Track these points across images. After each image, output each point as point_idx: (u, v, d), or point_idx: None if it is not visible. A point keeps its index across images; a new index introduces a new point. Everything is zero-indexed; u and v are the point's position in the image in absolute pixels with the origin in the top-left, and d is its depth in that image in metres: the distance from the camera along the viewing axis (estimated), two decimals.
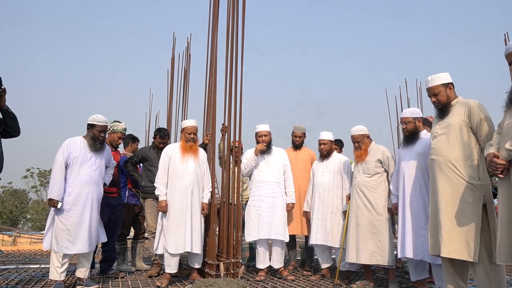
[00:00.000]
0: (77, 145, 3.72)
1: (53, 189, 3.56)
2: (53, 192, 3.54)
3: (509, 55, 2.38)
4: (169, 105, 5.89)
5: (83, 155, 3.70)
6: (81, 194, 3.62)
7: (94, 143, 3.74)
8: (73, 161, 3.65)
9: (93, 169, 3.73)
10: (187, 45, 5.90)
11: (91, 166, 3.72)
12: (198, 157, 4.06)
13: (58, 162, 3.61)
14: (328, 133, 4.49)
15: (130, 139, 5.21)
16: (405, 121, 3.52)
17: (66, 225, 3.54)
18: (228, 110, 4.21)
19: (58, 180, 3.57)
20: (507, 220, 2.29)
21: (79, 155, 3.68)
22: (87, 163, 3.71)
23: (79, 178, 3.64)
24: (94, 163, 3.74)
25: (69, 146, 3.68)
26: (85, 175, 3.67)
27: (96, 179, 3.74)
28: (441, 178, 2.77)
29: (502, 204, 2.35)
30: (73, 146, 3.69)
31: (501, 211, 2.34)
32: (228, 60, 4.25)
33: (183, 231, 3.83)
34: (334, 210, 4.23)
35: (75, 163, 3.65)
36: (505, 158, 2.30)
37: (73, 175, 3.64)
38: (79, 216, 3.58)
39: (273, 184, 4.33)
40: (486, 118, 2.69)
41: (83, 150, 3.72)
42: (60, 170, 3.60)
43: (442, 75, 2.90)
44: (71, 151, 3.67)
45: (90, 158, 3.74)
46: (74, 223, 3.56)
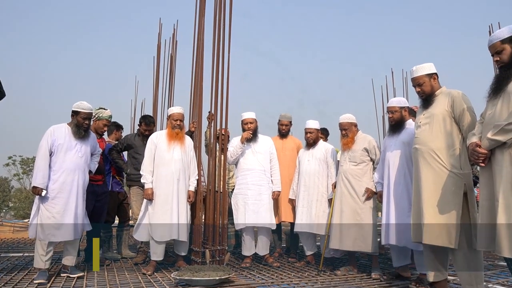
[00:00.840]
0: (62, 132, 3.66)
1: (37, 177, 3.50)
2: (37, 180, 3.49)
3: (492, 46, 2.41)
4: (155, 93, 5.84)
5: (68, 142, 3.64)
6: (67, 181, 3.57)
7: (78, 130, 3.69)
8: (57, 148, 3.59)
9: (78, 156, 3.68)
10: (173, 32, 5.83)
11: (77, 153, 3.67)
12: (184, 145, 4.04)
13: (42, 149, 3.55)
14: (314, 122, 4.51)
15: (114, 127, 5.15)
16: (391, 110, 3.55)
17: (52, 213, 3.50)
18: (215, 98, 4.19)
19: (42, 168, 3.51)
20: (487, 208, 2.35)
21: (64, 142, 3.62)
22: (72, 150, 3.65)
23: (64, 165, 3.59)
24: (79, 150, 3.69)
25: (53, 133, 3.62)
26: (71, 162, 3.62)
27: (82, 166, 3.70)
28: (424, 167, 2.82)
29: (482, 192, 2.41)
30: (57, 133, 3.63)
31: (482, 199, 2.41)
32: (215, 47, 4.21)
33: (169, 219, 3.82)
34: (320, 198, 4.28)
35: (60, 150, 3.60)
36: (487, 147, 2.35)
37: (58, 163, 3.58)
38: (65, 203, 3.54)
39: (259, 172, 4.35)
40: (469, 108, 2.74)
41: (68, 137, 3.66)
42: (44, 157, 3.54)
43: (427, 66, 2.93)
44: (56, 138, 3.61)
45: (75, 145, 3.68)
46: (60, 210, 3.52)
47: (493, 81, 2.43)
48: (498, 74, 2.43)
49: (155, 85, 5.84)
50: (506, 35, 2.35)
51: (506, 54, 2.35)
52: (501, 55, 2.37)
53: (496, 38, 2.39)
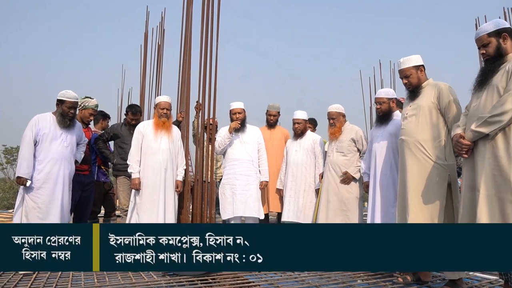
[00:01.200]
0: (47, 122, 3.60)
1: (22, 167, 3.45)
2: (22, 170, 3.45)
3: (478, 39, 2.44)
4: (142, 82, 5.77)
5: (53, 132, 3.59)
6: (52, 171, 3.53)
7: (63, 119, 3.63)
8: (42, 137, 3.54)
9: (64, 145, 3.63)
10: (161, 20, 5.74)
11: (62, 143, 3.62)
12: (171, 134, 4.02)
13: (27, 138, 3.49)
14: (302, 112, 4.53)
15: (101, 116, 5.09)
16: (379, 101, 3.57)
17: (37, 203, 3.46)
18: (203, 87, 4.16)
19: (26, 158, 3.46)
20: (469, 198, 2.40)
21: (49, 131, 3.57)
22: (58, 139, 3.60)
23: (50, 155, 3.54)
24: (65, 140, 3.64)
25: (37, 123, 3.56)
26: (56, 152, 3.57)
27: (67, 156, 3.65)
28: (410, 158, 2.85)
29: (465, 182, 2.46)
30: (42, 123, 3.57)
31: (464, 189, 2.46)
32: (203, 36, 4.17)
33: (156, 208, 3.82)
34: (307, 188, 4.32)
35: (44, 139, 3.54)
36: (470, 139, 2.39)
37: (43, 152, 3.53)
38: (50, 193, 3.51)
39: (247, 162, 4.35)
40: (455, 100, 2.78)
41: (53, 126, 3.60)
42: (29, 147, 3.49)
43: (414, 58, 2.95)
44: (40, 127, 3.55)
45: (61, 134, 3.63)
46: (46, 201, 3.48)
47: (479, 74, 2.47)
48: (484, 67, 2.46)
49: (142, 74, 5.77)
50: (492, 28, 2.38)
51: (492, 47, 2.38)
52: (487, 48, 2.40)
53: (482, 31, 2.41)
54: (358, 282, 2.92)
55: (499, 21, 2.42)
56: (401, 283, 2.85)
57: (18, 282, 2.99)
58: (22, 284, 2.96)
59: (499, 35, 2.37)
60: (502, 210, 2.19)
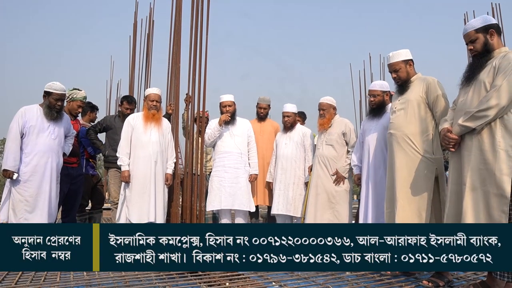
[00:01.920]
0: (33, 114, 3.55)
1: (8, 159, 3.42)
2: (8, 163, 3.41)
3: (466, 35, 2.47)
4: (131, 73, 5.71)
5: (40, 124, 3.54)
6: (40, 164, 3.49)
7: (50, 111, 3.58)
8: (29, 130, 3.49)
9: (51, 138, 3.58)
10: (150, 11, 5.67)
11: (50, 135, 3.58)
12: (161, 127, 4.00)
13: (13, 131, 3.45)
14: (292, 106, 4.53)
15: (89, 108, 5.02)
16: (373, 94, 3.55)
17: (24, 196, 3.43)
18: (192, 79, 4.13)
19: (13, 150, 3.42)
20: (455, 191, 2.45)
21: (36, 124, 3.52)
22: (45, 132, 3.56)
23: (37, 148, 3.50)
24: (52, 132, 3.60)
25: (24, 115, 3.51)
26: (44, 145, 3.53)
27: (55, 149, 3.61)
28: (398, 151, 2.88)
29: (451, 176, 2.50)
30: (29, 115, 3.52)
31: (450, 183, 2.50)
32: (193, 27, 4.13)
33: (147, 201, 3.81)
34: (296, 181, 4.34)
35: (31, 132, 3.50)
36: (457, 133, 2.43)
37: (30, 145, 3.49)
38: (37, 186, 3.47)
39: (236, 155, 4.35)
40: (443, 95, 2.81)
41: (40, 118, 3.56)
42: (15, 139, 3.44)
43: (403, 52, 2.97)
44: (27, 119, 3.50)
45: (48, 127, 3.58)
46: (33, 194, 3.45)
47: (466, 69, 2.50)
48: (471, 62, 2.49)
49: (131, 66, 5.72)
50: (480, 24, 2.41)
51: (479, 43, 2.41)
52: (474, 44, 2.42)
53: (470, 27, 2.44)
54: (347, 274, 2.96)
55: (487, 17, 2.45)
56: (388, 275, 2.90)
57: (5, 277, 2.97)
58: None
59: (486, 31, 2.40)
60: (487, 203, 2.24)
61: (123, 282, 2.74)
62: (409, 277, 2.88)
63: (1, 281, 2.82)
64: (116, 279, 2.79)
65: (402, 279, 2.85)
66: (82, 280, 2.80)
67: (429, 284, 2.61)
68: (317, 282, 2.77)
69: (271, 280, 2.79)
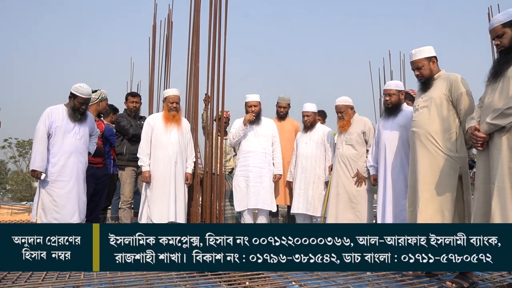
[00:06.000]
0: (59, 114, 3.59)
1: (36, 160, 3.47)
2: (36, 163, 3.46)
3: (492, 30, 2.40)
4: (151, 74, 5.76)
5: (66, 124, 3.59)
6: (67, 164, 3.54)
7: (74, 113, 3.62)
8: (55, 130, 3.54)
9: (77, 138, 3.63)
10: (168, 12, 5.72)
11: (75, 136, 3.62)
12: (181, 127, 4.04)
13: (40, 131, 3.50)
14: (312, 105, 4.50)
15: (111, 110, 5.11)
16: (389, 93, 3.53)
17: (52, 197, 3.49)
18: (211, 80, 4.15)
19: (40, 151, 3.48)
20: (483, 190, 2.38)
21: (62, 124, 3.57)
22: (71, 132, 3.60)
23: (63, 148, 3.55)
24: (78, 133, 3.64)
25: (50, 115, 3.56)
26: (70, 145, 3.58)
27: (81, 149, 3.65)
28: (421, 150, 2.83)
29: (479, 175, 2.44)
30: (55, 115, 3.57)
31: (478, 182, 2.44)
32: (212, 28, 4.15)
33: (167, 201, 3.86)
34: (316, 181, 4.31)
35: (57, 132, 3.55)
36: (486, 131, 2.36)
37: (56, 145, 3.54)
38: (65, 187, 3.52)
39: (261, 154, 4.34)
40: (467, 92, 2.74)
41: (66, 119, 3.60)
42: (42, 140, 3.50)
43: (426, 49, 2.91)
44: (53, 120, 3.55)
45: (74, 127, 3.62)
46: (61, 194, 3.50)
47: (493, 65, 2.43)
48: (498, 58, 2.42)
49: (150, 67, 5.76)
50: (507, 19, 2.33)
51: (506, 38, 2.33)
52: (501, 39, 2.35)
53: (497, 22, 2.37)
54: (367, 274, 2.92)
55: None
56: (410, 275, 2.84)
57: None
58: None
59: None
60: None
61: (145, 280, 2.77)
62: (432, 278, 2.81)
63: (1, 280, 2.81)
64: (138, 278, 2.83)
65: (425, 279, 2.79)
66: (105, 278, 2.85)
67: (452, 285, 2.55)
68: (337, 282, 2.74)
69: (291, 280, 2.78)
